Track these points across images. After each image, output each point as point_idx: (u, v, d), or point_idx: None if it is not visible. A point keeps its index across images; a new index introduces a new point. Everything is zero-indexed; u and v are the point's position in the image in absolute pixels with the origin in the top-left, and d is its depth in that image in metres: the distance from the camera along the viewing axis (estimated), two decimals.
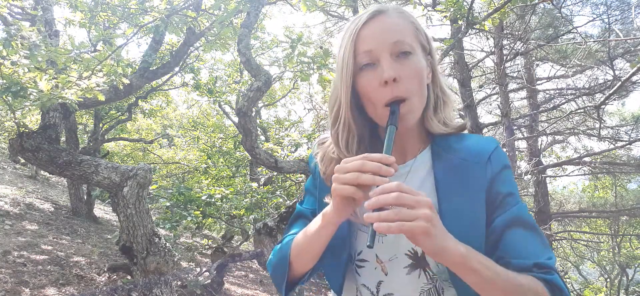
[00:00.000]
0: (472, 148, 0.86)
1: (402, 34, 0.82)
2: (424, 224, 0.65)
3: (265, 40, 7.44)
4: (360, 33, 0.82)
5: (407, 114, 0.81)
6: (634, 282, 10.99)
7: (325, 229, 0.81)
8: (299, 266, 0.89)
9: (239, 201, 4.25)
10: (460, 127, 0.90)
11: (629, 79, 4.44)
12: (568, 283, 10.07)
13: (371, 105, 0.83)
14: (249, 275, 7.78)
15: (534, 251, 0.76)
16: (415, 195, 0.67)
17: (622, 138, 7.66)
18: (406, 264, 0.86)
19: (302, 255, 0.87)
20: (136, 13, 3.85)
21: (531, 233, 0.79)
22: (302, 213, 1.00)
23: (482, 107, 9.33)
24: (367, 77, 0.82)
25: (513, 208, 0.80)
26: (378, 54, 0.80)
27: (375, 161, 0.71)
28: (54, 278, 4.44)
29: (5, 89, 2.63)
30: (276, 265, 0.92)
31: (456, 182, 0.82)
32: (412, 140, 0.90)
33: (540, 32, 7.44)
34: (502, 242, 0.78)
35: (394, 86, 0.79)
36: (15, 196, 7.32)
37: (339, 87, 0.84)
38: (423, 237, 0.66)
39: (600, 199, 10.34)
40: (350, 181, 0.72)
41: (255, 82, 3.45)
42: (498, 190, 0.82)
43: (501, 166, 0.84)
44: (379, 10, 0.84)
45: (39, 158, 3.17)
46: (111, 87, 3.82)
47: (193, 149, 11.62)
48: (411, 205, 0.66)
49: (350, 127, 0.85)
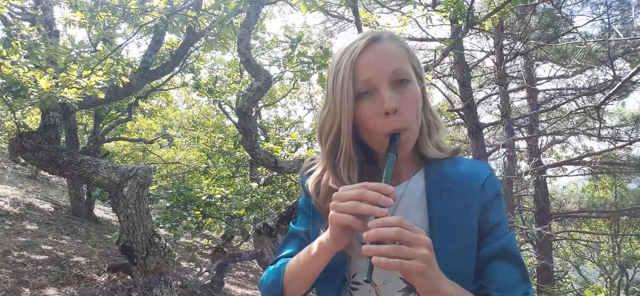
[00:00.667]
0: (466, 174, 0.86)
1: (400, 61, 0.81)
2: (422, 264, 0.65)
3: (265, 40, 7.44)
4: (357, 61, 0.80)
5: (405, 142, 0.82)
6: (634, 282, 10.98)
7: (320, 257, 0.81)
8: (292, 291, 0.88)
9: (239, 201, 4.25)
10: (454, 151, 0.90)
11: (629, 79, 4.45)
12: (568, 283, 10.07)
13: (368, 133, 0.83)
14: (249, 275, 7.78)
15: (515, 284, 0.80)
16: (415, 232, 0.67)
17: (622, 138, 7.67)
18: (400, 288, 0.86)
19: (296, 281, 0.87)
20: (136, 13, 3.85)
21: (514, 267, 0.82)
22: (296, 233, 0.99)
23: (482, 107, 9.34)
24: (365, 106, 0.81)
25: (501, 239, 0.82)
26: (377, 83, 0.79)
27: (374, 190, 0.71)
28: (54, 278, 4.44)
29: (5, 88, 2.63)
30: (269, 287, 0.92)
31: (449, 206, 0.83)
32: (407, 164, 0.90)
33: (540, 32, 7.44)
34: (486, 272, 0.81)
35: (394, 117, 0.79)
36: (15, 196, 7.32)
37: (339, 116, 0.82)
38: (419, 277, 0.67)
39: (600, 199, 10.35)
40: (348, 210, 0.71)
41: (255, 82, 3.45)
42: (487, 218, 0.83)
43: (494, 194, 0.85)
44: (375, 37, 0.83)
45: (39, 158, 3.17)
46: (111, 87, 3.82)
47: (193, 149, 11.62)
48: (411, 243, 0.66)
49: (352, 157, 0.85)
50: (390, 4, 7.44)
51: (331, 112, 0.84)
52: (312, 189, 0.91)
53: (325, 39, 8.96)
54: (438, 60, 4.26)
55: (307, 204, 0.99)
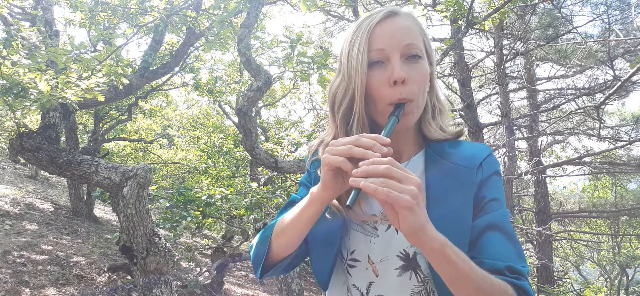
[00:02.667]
0: (465, 153, 0.87)
1: (414, 37, 0.83)
2: (410, 199, 0.63)
3: (265, 40, 7.44)
4: (373, 31, 0.83)
5: (409, 113, 0.83)
6: (634, 282, 11.00)
7: (311, 207, 0.80)
8: (279, 247, 0.87)
9: (239, 201, 4.24)
10: (456, 133, 0.91)
11: (629, 79, 4.45)
12: (568, 283, 10.06)
13: (373, 101, 0.84)
14: (249, 275, 7.78)
15: (509, 256, 0.76)
16: (405, 172, 0.67)
17: (622, 138, 7.66)
18: (397, 265, 0.86)
19: (284, 235, 0.85)
20: (136, 13, 3.85)
21: (508, 239, 0.79)
22: (294, 200, 0.98)
23: (482, 107, 9.34)
24: (375, 74, 0.82)
25: (495, 212, 0.81)
26: (389, 53, 0.81)
27: (370, 139, 0.71)
28: (54, 278, 4.44)
29: (6, 90, 2.63)
30: (257, 245, 0.91)
31: (447, 186, 0.83)
32: (408, 143, 0.92)
33: (540, 32, 7.44)
34: (478, 243, 0.79)
35: (401, 87, 0.80)
36: (15, 196, 7.32)
37: (353, 82, 0.83)
38: (406, 212, 0.64)
39: (600, 199, 10.35)
40: (341, 152, 0.72)
41: (255, 82, 3.45)
42: (484, 194, 0.83)
43: (491, 172, 0.85)
44: (393, 11, 0.85)
45: (39, 158, 3.17)
46: (111, 87, 3.82)
47: (193, 149, 11.63)
48: (400, 179, 0.65)
49: (364, 122, 0.86)
50: (390, 4, 7.44)
51: (345, 79, 0.85)
52: (322, 152, 0.91)
53: (325, 39, 8.96)
54: (438, 60, 4.27)
55: (308, 178, 1.00)
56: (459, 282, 0.70)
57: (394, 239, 0.86)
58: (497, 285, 0.71)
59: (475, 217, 0.81)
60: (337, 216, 0.88)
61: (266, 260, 0.88)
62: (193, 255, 7.65)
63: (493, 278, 0.71)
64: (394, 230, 0.87)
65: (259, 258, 0.89)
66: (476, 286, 0.69)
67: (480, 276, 0.69)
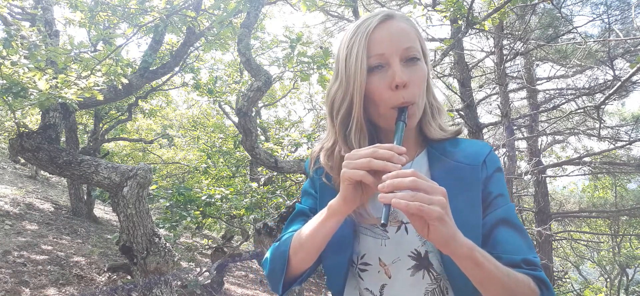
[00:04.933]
0: (467, 151, 0.89)
1: (412, 40, 0.84)
2: (440, 210, 0.64)
3: (265, 40, 7.44)
4: (371, 36, 0.83)
5: (412, 116, 0.84)
6: (634, 282, 11.00)
7: (330, 221, 0.80)
8: (298, 261, 0.86)
9: (239, 201, 4.24)
10: (456, 132, 0.92)
11: (629, 79, 4.45)
12: (568, 283, 10.07)
13: (374, 105, 0.84)
14: (249, 275, 7.78)
15: (522, 249, 0.79)
16: (430, 182, 0.67)
17: (622, 138, 7.65)
18: (409, 266, 0.86)
19: (303, 249, 0.85)
20: (136, 13, 3.85)
21: (518, 233, 0.82)
22: (302, 211, 0.98)
23: (482, 107, 9.33)
24: (375, 79, 0.82)
25: (503, 207, 0.83)
26: (389, 57, 0.82)
27: (386, 150, 0.72)
28: (54, 278, 4.44)
29: (6, 89, 2.63)
30: (274, 260, 0.90)
31: (454, 184, 0.83)
32: (410, 144, 0.92)
33: (540, 32, 7.43)
34: (491, 238, 0.81)
35: (403, 90, 0.81)
36: (15, 196, 7.32)
37: (351, 88, 0.84)
38: (438, 223, 0.65)
39: (600, 199, 10.34)
40: (361, 166, 0.72)
41: (255, 82, 3.45)
42: (490, 191, 0.85)
43: (494, 169, 0.87)
44: (389, 14, 0.85)
45: (39, 158, 3.17)
46: (111, 87, 3.82)
47: (193, 149, 11.63)
48: (427, 190, 0.66)
49: (363, 128, 0.86)
50: (390, 4, 7.44)
51: (343, 85, 0.86)
52: (325, 160, 0.92)
53: (325, 39, 8.96)
54: (438, 60, 4.26)
55: (312, 185, 1.00)
56: (487, 283, 0.71)
57: (405, 239, 0.87)
58: (520, 280, 0.73)
59: (484, 214, 0.83)
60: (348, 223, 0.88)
61: (286, 275, 0.88)
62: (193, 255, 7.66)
63: (515, 273, 0.73)
64: (404, 231, 0.87)
65: (277, 274, 0.88)
66: (503, 284, 0.71)
67: (505, 274, 0.71)
